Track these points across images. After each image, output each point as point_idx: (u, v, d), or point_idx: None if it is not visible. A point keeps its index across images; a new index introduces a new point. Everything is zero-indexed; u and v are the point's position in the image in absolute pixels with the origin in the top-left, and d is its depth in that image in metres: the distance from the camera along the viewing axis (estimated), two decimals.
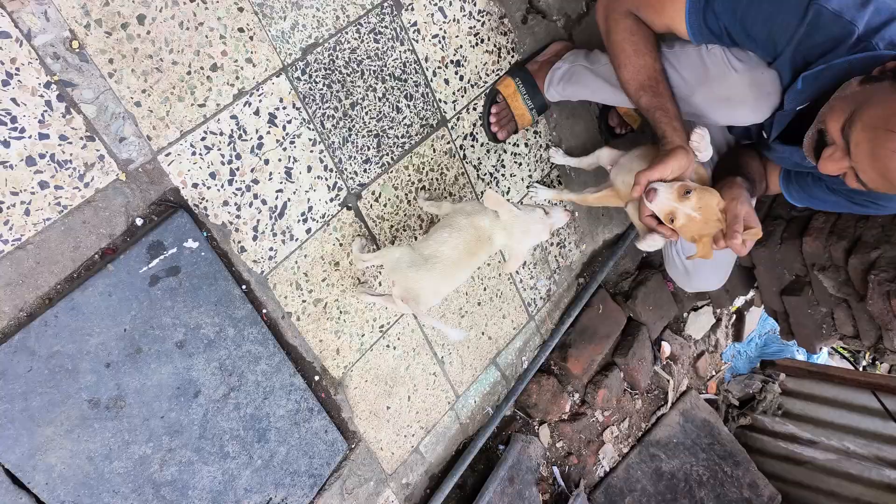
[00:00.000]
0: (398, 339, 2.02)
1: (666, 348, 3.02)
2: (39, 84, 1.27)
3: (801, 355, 3.89)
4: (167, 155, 1.45)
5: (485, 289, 2.23)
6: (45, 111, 1.28)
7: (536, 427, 2.54)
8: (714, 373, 3.48)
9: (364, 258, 1.72)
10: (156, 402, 1.52)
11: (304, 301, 1.77)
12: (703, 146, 1.56)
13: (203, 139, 1.50)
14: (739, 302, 3.52)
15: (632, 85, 1.61)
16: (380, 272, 1.91)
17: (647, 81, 1.59)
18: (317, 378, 1.85)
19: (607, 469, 2.79)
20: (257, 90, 1.56)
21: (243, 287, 1.63)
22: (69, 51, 1.29)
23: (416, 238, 1.97)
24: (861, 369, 4.28)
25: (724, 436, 3.10)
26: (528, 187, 2.24)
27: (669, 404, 3.04)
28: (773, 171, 1.81)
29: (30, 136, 1.28)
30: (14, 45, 1.23)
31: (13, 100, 1.24)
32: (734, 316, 3.62)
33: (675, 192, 1.50)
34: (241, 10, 1.49)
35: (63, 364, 1.38)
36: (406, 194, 1.92)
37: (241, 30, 1.50)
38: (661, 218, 1.54)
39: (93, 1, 1.29)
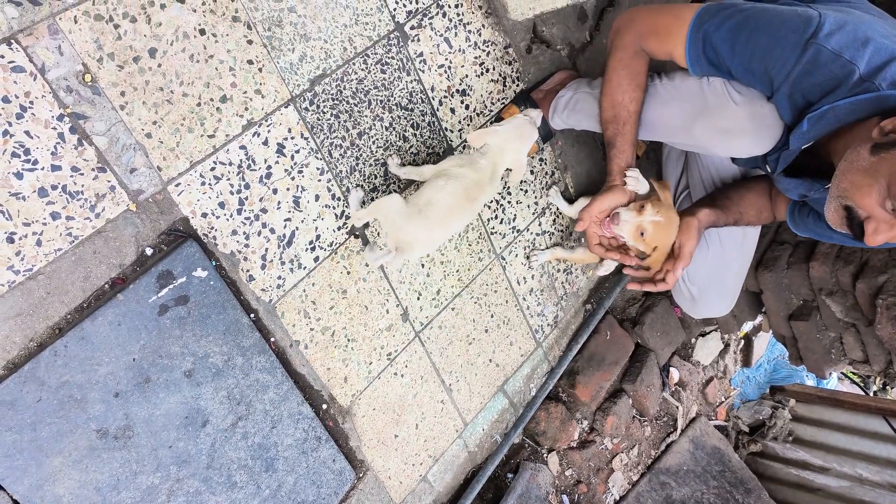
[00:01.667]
0: (406, 366, 2.02)
1: (674, 374, 3.00)
2: (52, 117, 1.29)
3: (810, 380, 3.86)
4: (177, 185, 1.47)
5: (492, 315, 2.23)
6: (58, 143, 1.30)
7: (545, 455, 2.51)
8: (723, 399, 3.45)
9: (359, 215, 1.72)
10: (164, 432, 1.52)
11: (312, 329, 1.77)
12: (637, 186, 1.69)
13: (212, 169, 1.52)
14: (747, 327, 3.50)
15: (606, 112, 1.70)
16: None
17: (617, 119, 1.67)
18: (325, 406, 1.84)
19: (617, 497, 2.76)
20: (266, 121, 1.58)
21: (252, 316, 1.64)
22: (82, 84, 1.31)
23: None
24: (872, 394, 4.24)
25: (734, 463, 3.06)
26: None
27: (679, 431, 3.01)
28: (783, 201, 1.82)
29: (42, 168, 1.29)
30: (28, 79, 1.25)
31: (26, 132, 1.27)
32: (742, 341, 3.60)
33: (633, 209, 1.64)
34: (250, 42, 1.52)
35: (72, 394, 1.38)
36: None
37: (249, 62, 1.53)
38: (631, 236, 1.65)
39: (105, 35, 1.32)
